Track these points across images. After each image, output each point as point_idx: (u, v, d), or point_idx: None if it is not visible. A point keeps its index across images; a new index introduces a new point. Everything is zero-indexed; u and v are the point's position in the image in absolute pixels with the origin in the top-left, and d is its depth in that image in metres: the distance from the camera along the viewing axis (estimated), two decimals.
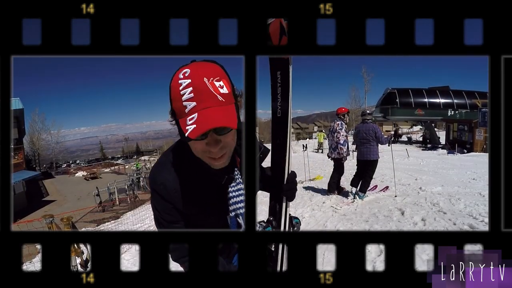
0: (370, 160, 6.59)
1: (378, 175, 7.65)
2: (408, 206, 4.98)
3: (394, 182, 6.85)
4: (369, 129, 6.64)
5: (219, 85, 1.13)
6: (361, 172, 6.79)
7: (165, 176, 1.35)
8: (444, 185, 6.80)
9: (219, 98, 1.10)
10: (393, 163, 7.35)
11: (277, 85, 1.66)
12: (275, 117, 1.66)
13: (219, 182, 1.39)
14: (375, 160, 6.62)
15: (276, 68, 1.65)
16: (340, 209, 5.64)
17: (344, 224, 4.28)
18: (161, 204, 1.39)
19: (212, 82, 1.10)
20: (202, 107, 1.07)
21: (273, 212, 1.69)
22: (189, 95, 1.07)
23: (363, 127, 6.76)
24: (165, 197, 1.36)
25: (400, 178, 7.32)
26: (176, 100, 1.11)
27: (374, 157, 6.60)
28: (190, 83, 1.08)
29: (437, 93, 24.68)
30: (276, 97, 1.66)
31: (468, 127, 19.71)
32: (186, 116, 1.08)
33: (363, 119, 7.00)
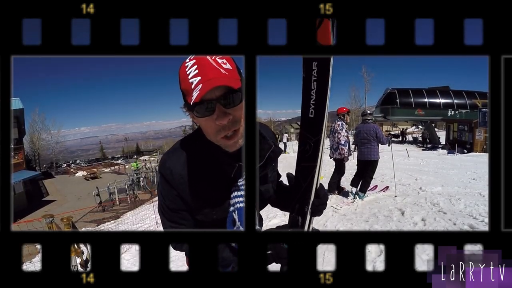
0: (370, 160, 6.60)
1: (378, 175, 7.66)
2: (408, 206, 4.98)
3: (394, 182, 6.85)
4: (370, 129, 6.65)
5: (222, 61, 1.19)
6: (362, 172, 6.80)
7: (174, 161, 1.35)
8: (444, 185, 6.81)
9: (222, 71, 1.17)
10: (393, 163, 7.35)
11: (312, 79, 1.38)
12: (305, 118, 1.39)
13: (229, 175, 1.37)
14: (376, 160, 6.63)
15: (312, 58, 1.41)
16: (340, 209, 5.63)
17: (344, 224, 4.28)
18: (166, 190, 1.38)
19: (215, 59, 1.19)
20: (206, 79, 1.14)
21: (294, 225, 1.51)
22: (194, 72, 1.15)
23: (364, 127, 6.77)
24: (171, 183, 1.35)
25: (400, 178, 7.34)
26: (183, 80, 1.17)
27: (375, 157, 6.61)
28: (195, 62, 1.17)
29: (437, 93, 24.70)
30: (309, 93, 1.38)
31: (468, 127, 19.75)
32: (193, 91, 1.14)
33: (364, 119, 7.01)
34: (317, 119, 1.38)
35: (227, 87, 1.19)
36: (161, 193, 1.41)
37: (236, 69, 1.27)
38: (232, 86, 1.17)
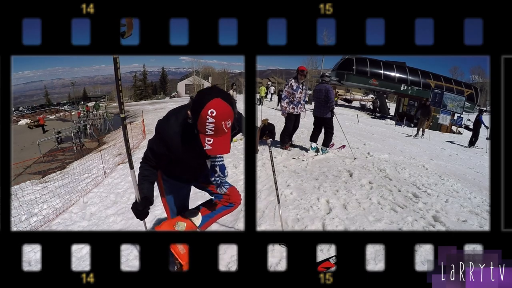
0: (323, 118, 6.82)
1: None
2: (356, 168, 5.05)
3: (348, 145, 6.99)
4: (322, 89, 6.87)
5: (228, 123, 1.60)
6: (318, 127, 7.00)
7: (166, 126, 1.86)
8: (390, 153, 6.93)
9: (225, 130, 1.62)
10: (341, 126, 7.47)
11: None
12: None
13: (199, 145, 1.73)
14: (328, 118, 6.84)
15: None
16: (305, 161, 5.72)
17: (294, 180, 4.28)
18: (157, 143, 1.90)
19: (225, 123, 1.59)
20: (216, 136, 1.61)
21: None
22: (211, 128, 1.58)
23: (319, 86, 7.03)
24: (162, 140, 1.87)
25: (350, 141, 7.48)
26: (201, 124, 1.59)
27: (327, 115, 6.81)
28: (214, 123, 1.57)
29: (393, 67, 25.16)
30: None
31: (418, 104, 20.11)
32: (205, 136, 1.61)
33: (322, 80, 7.23)
34: None
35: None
36: (153, 143, 1.91)
37: (232, 125, 1.67)
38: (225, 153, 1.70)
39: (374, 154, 6.48)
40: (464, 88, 24.65)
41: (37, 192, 4.84)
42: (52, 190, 4.95)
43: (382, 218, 3.10)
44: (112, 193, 4.69)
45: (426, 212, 3.33)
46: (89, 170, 6.78)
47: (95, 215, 3.96)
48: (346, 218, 3.10)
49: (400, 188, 4.11)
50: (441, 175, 5.27)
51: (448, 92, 20.89)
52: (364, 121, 16.91)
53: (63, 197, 4.71)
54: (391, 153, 7.00)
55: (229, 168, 3.57)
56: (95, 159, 7.53)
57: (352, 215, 3.18)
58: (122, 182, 5.27)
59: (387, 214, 3.23)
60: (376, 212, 3.26)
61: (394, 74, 25.29)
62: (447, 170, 6.02)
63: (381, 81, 25.08)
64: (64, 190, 5.07)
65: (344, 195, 3.75)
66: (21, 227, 3.89)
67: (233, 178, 4.41)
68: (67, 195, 4.85)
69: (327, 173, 4.76)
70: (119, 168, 6.47)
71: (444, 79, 25.39)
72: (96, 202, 4.39)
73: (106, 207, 4.14)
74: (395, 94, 26.32)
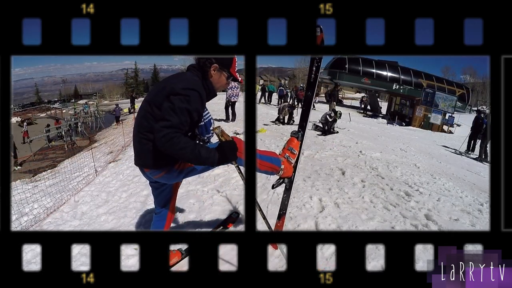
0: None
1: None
2: (348, 167, 5.11)
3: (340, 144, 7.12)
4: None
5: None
6: None
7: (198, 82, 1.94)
8: (382, 152, 7.00)
9: None
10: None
11: None
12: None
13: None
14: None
15: None
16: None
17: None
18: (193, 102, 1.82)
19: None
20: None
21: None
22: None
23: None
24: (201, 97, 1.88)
25: (342, 139, 7.54)
26: (234, 68, 2.00)
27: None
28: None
29: (386, 66, 25.46)
30: None
31: (410, 103, 20.43)
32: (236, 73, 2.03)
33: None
34: None
35: None
36: (186, 103, 1.79)
37: None
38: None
39: (366, 153, 6.54)
40: (455, 88, 25.09)
41: (28, 191, 4.74)
42: (43, 189, 4.86)
43: (374, 217, 3.14)
44: (103, 191, 4.64)
45: (418, 211, 3.38)
46: (80, 169, 6.68)
47: (86, 214, 3.91)
48: (339, 216, 3.13)
49: (392, 186, 4.16)
50: (432, 174, 5.34)
51: (440, 91, 21.15)
52: (356, 119, 17.10)
53: (54, 196, 4.64)
54: (383, 152, 7.06)
55: (228, 166, 3.55)
56: (86, 158, 7.43)
57: (345, 213, 3.22)
58: (113, 180, 5.22)
59: (380, 213, 3.27)
60: (368, 211, 3.30)
61: (386, 73, 25.56)
62: (438, 169, 6.09)
63: (373, 80, 25.33)
64: (55, 189, 4.99)
65: (337, 193, 3.79)
66: (12, 227, 3.79)
67: (227, 176, 4.40)
68: (58, 194, 4.77)
69: (319, 172, 4.78)
70: (110, 166, 6.40)
71: (436, 79, 25.79)
72: (88, 201, 4.33)
73: (98, 206, 4.09)
74: (387, 93, 26.58)
